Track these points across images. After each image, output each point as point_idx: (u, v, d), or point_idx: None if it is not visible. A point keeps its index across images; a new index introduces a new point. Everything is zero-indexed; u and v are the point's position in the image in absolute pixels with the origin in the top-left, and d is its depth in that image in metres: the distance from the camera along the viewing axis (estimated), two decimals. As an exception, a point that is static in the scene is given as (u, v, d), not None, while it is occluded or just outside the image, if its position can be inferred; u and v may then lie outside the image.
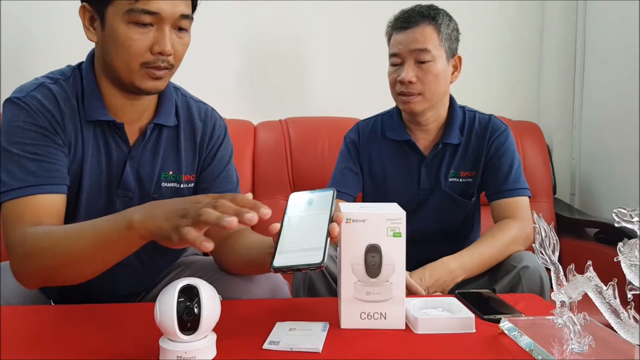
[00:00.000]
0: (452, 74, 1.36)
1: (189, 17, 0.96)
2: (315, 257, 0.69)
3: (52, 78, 0.99)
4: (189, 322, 0.68)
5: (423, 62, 1.29)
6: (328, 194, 0.79)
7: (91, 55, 1.02)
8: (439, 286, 1.18)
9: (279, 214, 0.79)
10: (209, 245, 0.67)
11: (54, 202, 0.92)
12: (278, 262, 0.70)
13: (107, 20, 0.93)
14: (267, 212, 0.69)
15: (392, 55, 1.34)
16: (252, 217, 0.68)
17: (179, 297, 0.68)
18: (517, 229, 1.28)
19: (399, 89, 1.32)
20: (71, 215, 0.99)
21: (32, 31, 1.97)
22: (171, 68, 0.96)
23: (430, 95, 1.31)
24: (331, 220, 0.74)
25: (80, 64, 1.03)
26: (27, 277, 0.86)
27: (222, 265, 1.07)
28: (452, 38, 1.34)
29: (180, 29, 0.96)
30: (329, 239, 0.72)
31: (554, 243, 0.74)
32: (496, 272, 1.24)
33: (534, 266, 1.17)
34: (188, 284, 0.70)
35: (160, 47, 0.92)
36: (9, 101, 0.95)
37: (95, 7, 0.94)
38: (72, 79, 1.00)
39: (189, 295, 0.69)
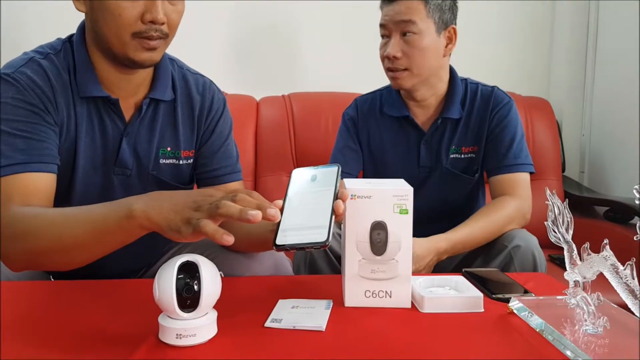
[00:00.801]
0: (447, 46, 1.30)
1: None
2: (319, 236, 0.66)
3: (42, 52, 0.95)
4: (188, 299, 0.66)
5: (408, 35, 1.24)
6: (332, 170, 0.76)
7: (82, 27, 0.97)
8: (428, 267, 1.15)
9: (282, 190, 0.76)
10: (230, 239, 0.64)
11: (43, 181, 0.88)
12: (280, 240, 0.68)
13: None
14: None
15: (380, 26, 1.30)
16: (276, 213, 0.65)
17: (178, 273, 0.66)
18: (514, 208, 1.23)
19: (387, 64, 1.29)
20: (66, 194, 0.96)
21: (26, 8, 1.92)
22: (165, 38, 0.92)
23: (418, 70, 1.27)
24: (336, 197, 0.72)
25: (70, 37, 0.98)
26: (13, 260, 0.82)
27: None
28: (444, 8, 1.27)
29: None
30: (333, 216, 0.69)
31: (567, 221, 0.71)
32: (489, 251, 1.21)
33: (526, 245, 1.14)
34: (188, 260, 0.68)
35: (151, 15, 0.87)
36: None
37: None
38: (62, 53, 0.96)
39: (189, 271, 0.67)
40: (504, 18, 2.17)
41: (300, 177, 0.77)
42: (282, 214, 0.71)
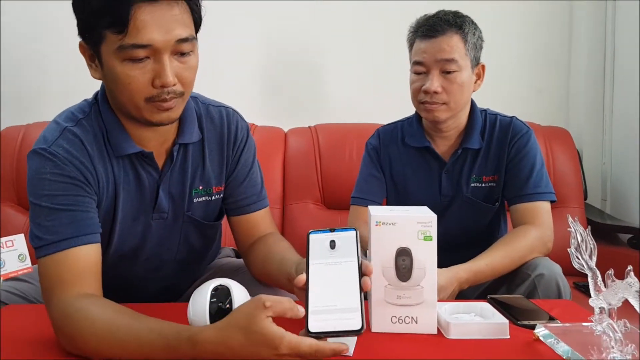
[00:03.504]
0: (475, 82, 1.34)
1: (188, 40, 0.86)
2: (353, 322, 0.66)
3: (73, 119, 0.94)
4: (221, 322, 0.68)
5: (449, 72, 1.27)
6: (351, 236, 0.75)
7: (104, 87, 0.96)
8: (451, 297, 1.14)
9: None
10: None
11: (91, 253, 0.87)
12: (314, 326, 0.66)
13: (103, 58, 0.86)
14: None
15: (415, 63, 1.32)
16: None
17: (211, 297, 0.69)
18: (535, 237, 1.23)
19: (423, 98, 1.30)
20: (105, 244, 0.97)
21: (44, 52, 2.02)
22: (181, 96, 0.89)
23: (455, 105, 1.30)
24: (360, 269, 0.71)
25: (96, 96, 0.98)
26: (62, 343, 0.79)
27: (249, 269, 1.09)
28: (477, 47, 1.32)
29: (183, 54, 0.87)
30: (363, 295, 0.69)
31: (591, 247, 0.72)
32: (512, 280, 1.20)
33: (549, 273, 1.13)
34: (220, 284, 0.70)
35: (161, 80, 0.85)
36: (33, 153, 0.89)
37: (90, 45, 0.88)
38: (93, 115, 0.95)
39: (222, 295, 0.70)
40: (521, 49, 2.19)
41: (319, 243, 0.75)
42: (307, 290, 0.70)
